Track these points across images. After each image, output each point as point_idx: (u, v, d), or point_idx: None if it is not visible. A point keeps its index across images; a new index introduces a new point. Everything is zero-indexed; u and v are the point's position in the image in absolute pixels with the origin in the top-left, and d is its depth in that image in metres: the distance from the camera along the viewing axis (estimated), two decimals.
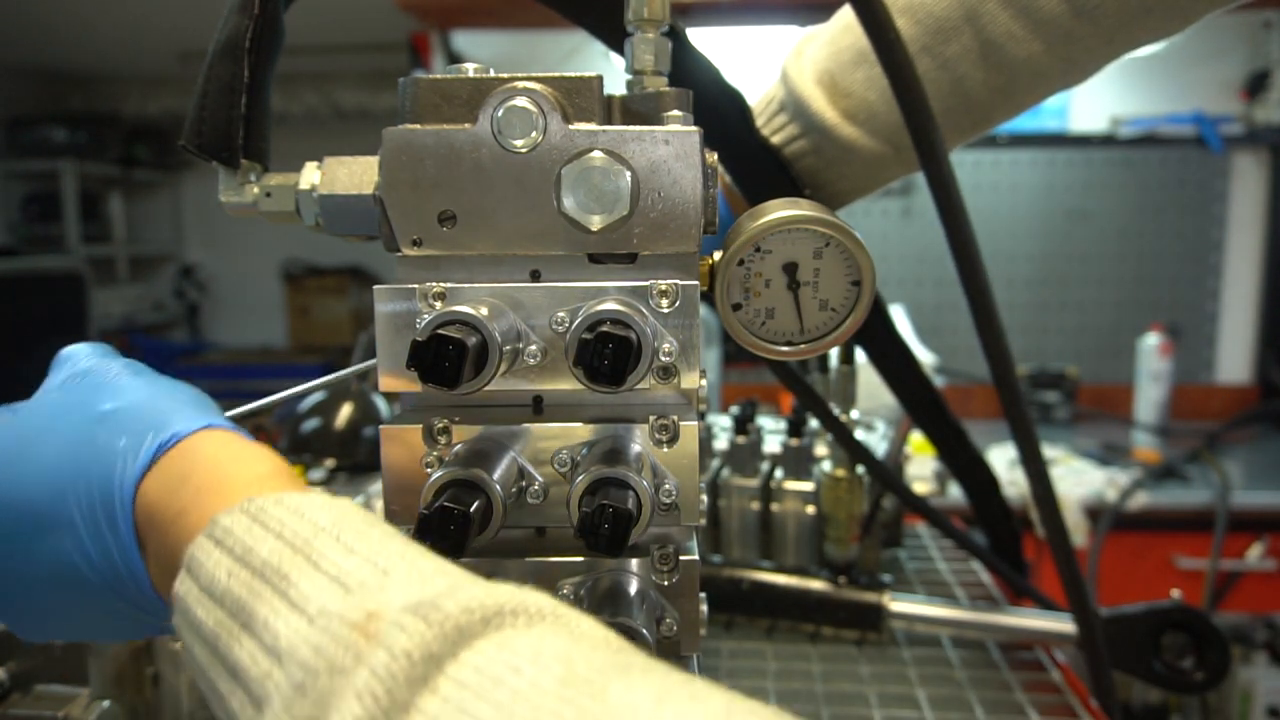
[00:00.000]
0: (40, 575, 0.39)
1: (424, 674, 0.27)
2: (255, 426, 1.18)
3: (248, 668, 0.31)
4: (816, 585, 0.88)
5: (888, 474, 0.84)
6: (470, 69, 0.44)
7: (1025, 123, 2.22)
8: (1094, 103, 2.65)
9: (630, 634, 0.41)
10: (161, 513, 0.38)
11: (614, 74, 0.46)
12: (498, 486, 0.40)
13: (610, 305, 0.41)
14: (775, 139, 0.75)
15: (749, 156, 0.74)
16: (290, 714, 0.28)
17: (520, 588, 0.32)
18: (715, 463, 1.00)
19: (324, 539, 0.33)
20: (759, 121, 0.76)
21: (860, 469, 0.89)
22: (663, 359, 0.42)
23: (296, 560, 0.32)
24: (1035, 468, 0.72)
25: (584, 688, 0.26)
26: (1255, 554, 1.99)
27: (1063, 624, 0.80)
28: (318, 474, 1.07)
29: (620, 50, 0.54)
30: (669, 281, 0.43)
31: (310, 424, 1.12)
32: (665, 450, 0.43)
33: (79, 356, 0.46)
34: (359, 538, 0.33)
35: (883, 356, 0.81)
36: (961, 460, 0.87)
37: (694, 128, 0.42)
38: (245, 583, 0.32)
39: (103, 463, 0.39)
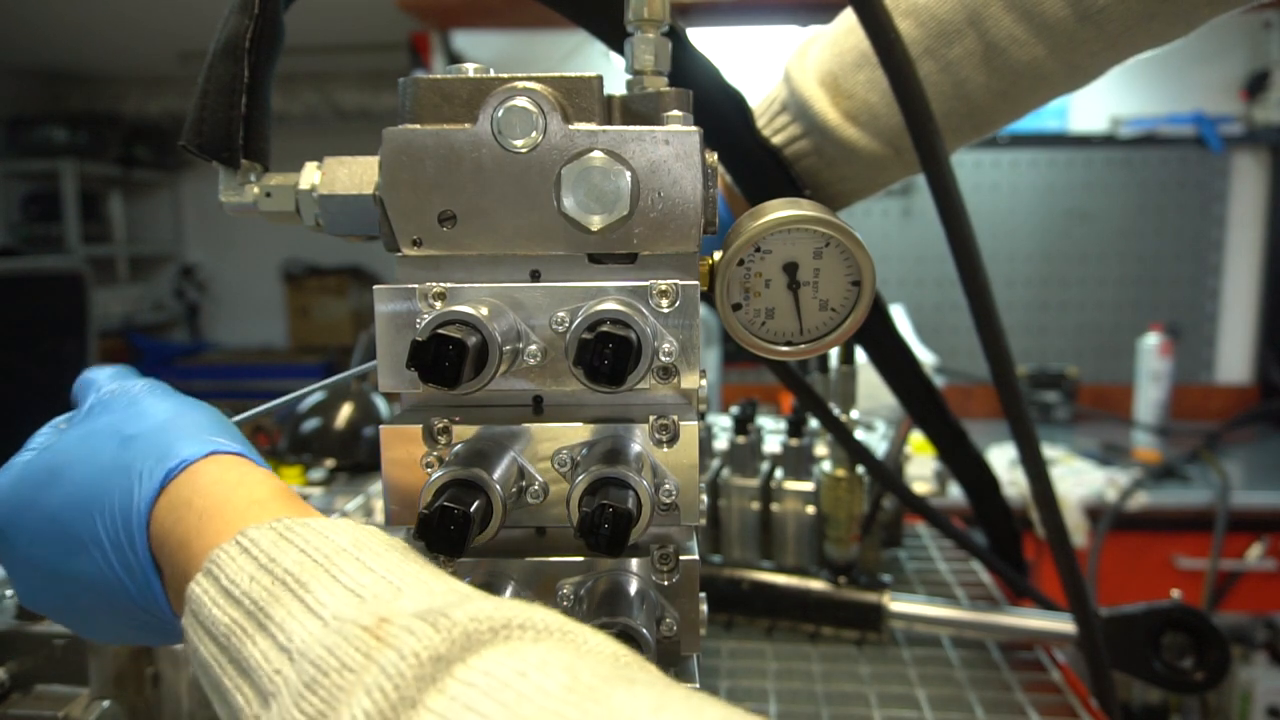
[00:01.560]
0: (82, 584, 0.42)
1: (432, 674, 0.28)
2: (255, 427, 1.18)
3: (259, 664, 0.32)
4: (816, 585, 0.88)
5: (888, 474, 0.84)
6: (470, 69, 0.43)
7: (1025, 123, 2.21)
8: (1094, 103, 2.65)
9: (630, 636, 0.41)
10: (167, 539, 0.40)
11: (614, 74, 0.46)
12: (498, 486, 0.40)
13: (610, 305, 0.41)
14: (777, 139, 0.75)
15: (749, 156, 0.73)
16: (299, 708, 0.29)
17: (530, 605, 0.33)
18: (715, 463, 1.00)
19: (344, 557, 0.35)
20: (761, 122, 0.76)
21: (860, 469, 0.89)
22: (663, 359, 0.42)
23: (317, 571, 0.34)
24: (1035, 468, 0.72)
25: (588, 693, 0.27)
26: (1255, 554, 1.99)
27: (1063, 624, 0.80)
28: (318, 474, 1.07)
29: (620, 50, 0.54)
30: (669, 281, 0.43)
31: (310, 424, 1.12)
32: (665, 450, 0.43)
33: (103, 380, 0.48)
34: (377, 558, 0.35)
35: (883, 356, 0.81)
36: (961, 460, 0.87)
37: (694, 128, 0.42)
38: (265, 587, 0.34)
39: (123, 488, 0.41)
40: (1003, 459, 2.06)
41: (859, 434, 0.89)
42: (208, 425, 0.44)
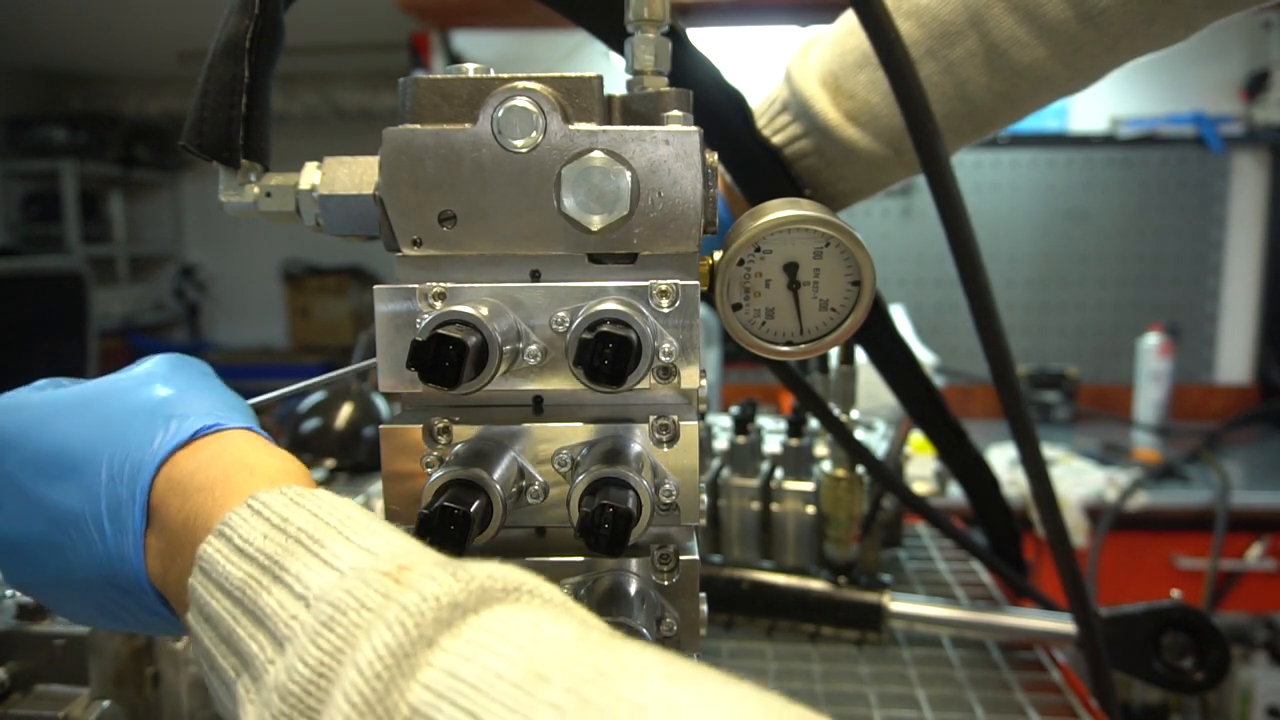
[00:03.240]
0: (53, 518, 0.40)
1: (449, 619, 0.29)
2: None
3: (274, 612, 0.32)
4: (816, 585, 0.88)
5: (888, 474, 0.84)
6: (470, 69, 0.43)
7: (1025, 123, 2.20)
8: (1094, 103, 2.65)
9: (630, 634, 0.41)
10: (173, 492, 0.39)
11: (614, 74, 0.46)
12: (498, 486, 0.40)
13: (610, 305, 0.41)
14: (777, 139, 0.75)
15: (749, 156, 0.74)
16: (316, 645, 0.29)
17: (538, 578, 0.33)
18: (715, 463, 1.00)
19: (356, 522, 0.35)
20: (761, 121, 0.76)
21: (860, 469, 0.89)
22: (663, 359, 0.42)
23: (330, 532, 0.34)
24: (1035, 468, 0.72)
25: (600, 644, 0.28)
26: (1255, 554, 1.99)
27: (1063, 624, 0.80)
28: (318, 474, 1.07)
29: (620, 50, 0.54)
30: (669, 281, 0.43)
31: (310, 424, 1.12)
32: (665, 450, 0.43)
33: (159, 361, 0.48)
34: (386, 528, 0.35)
35: (883, 356, 0.81)
36: (961, 460, 0.87)
37: (694, 128, 0.42)
38: (279, 544, 0.34)
39: (145, 428, 0.41)
40: (1003, 459, 2.06)
41: (859, 434, 0.89)
42: (243, 410, 0.45)
